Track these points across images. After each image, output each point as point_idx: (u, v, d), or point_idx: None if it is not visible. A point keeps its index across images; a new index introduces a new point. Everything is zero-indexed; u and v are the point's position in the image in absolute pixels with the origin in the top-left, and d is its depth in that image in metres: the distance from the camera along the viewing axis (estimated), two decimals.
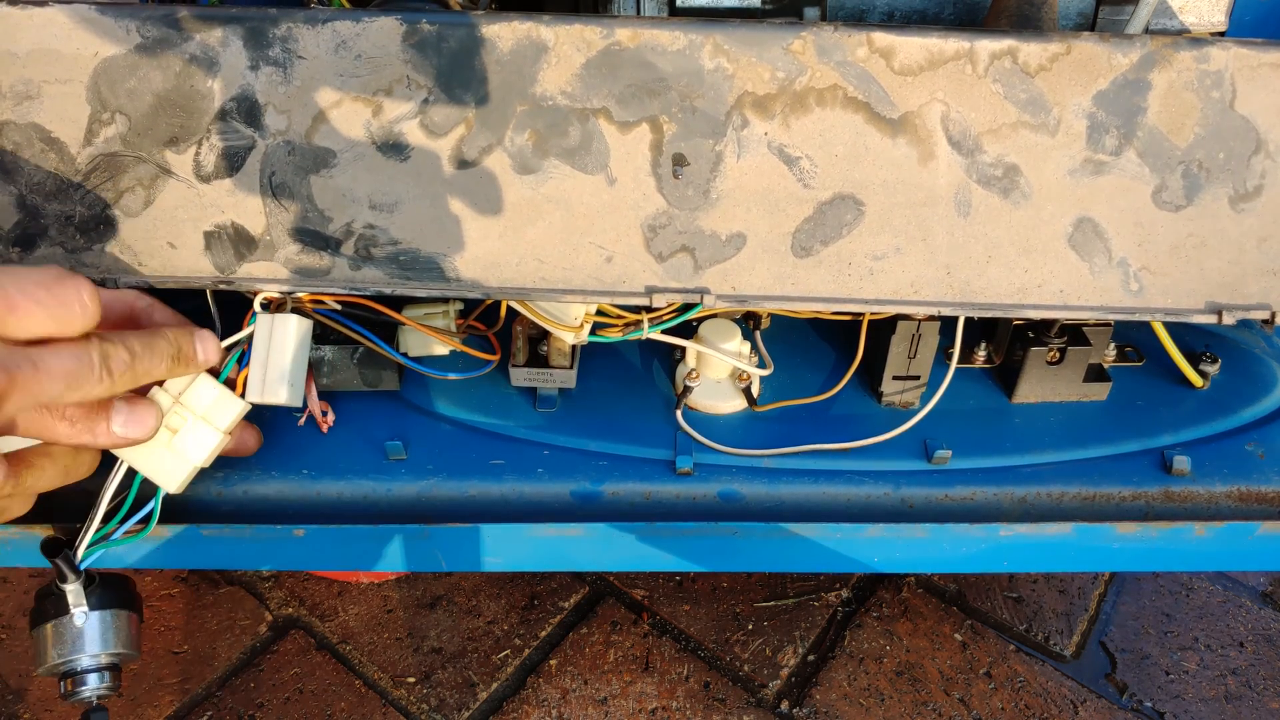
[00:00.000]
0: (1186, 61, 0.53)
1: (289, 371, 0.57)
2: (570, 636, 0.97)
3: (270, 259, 0.56)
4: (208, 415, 0.55)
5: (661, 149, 0.54)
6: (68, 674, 0.59)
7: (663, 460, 0.66)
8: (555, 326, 0.61)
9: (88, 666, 0.59)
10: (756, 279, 0.57)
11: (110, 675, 0.60)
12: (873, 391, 0.70)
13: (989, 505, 0.65)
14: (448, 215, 0.55)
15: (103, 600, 0.59)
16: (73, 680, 0.59)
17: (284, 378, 0.57)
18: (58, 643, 0.59)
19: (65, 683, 0.59)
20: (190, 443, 0.55)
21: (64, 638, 0.59)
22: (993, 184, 0.55)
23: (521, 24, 0.52)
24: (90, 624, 0.59)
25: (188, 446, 0.55)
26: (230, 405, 0.56)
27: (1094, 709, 0.91)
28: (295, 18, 0.52)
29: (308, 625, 0.97)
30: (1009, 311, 0.58)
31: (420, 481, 0.64)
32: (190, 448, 0.55)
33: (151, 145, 0.54)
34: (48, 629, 0.59)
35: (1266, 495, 0.66)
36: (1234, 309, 0.57)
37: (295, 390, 0.58)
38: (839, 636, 0.97)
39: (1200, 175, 0.55)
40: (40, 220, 0.55)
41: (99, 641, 0.59)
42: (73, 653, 0.59)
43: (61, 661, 0.59)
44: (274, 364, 0.57)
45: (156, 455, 0.55)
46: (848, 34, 0.52)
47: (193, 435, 0.55)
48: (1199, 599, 1.02)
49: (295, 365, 0.58)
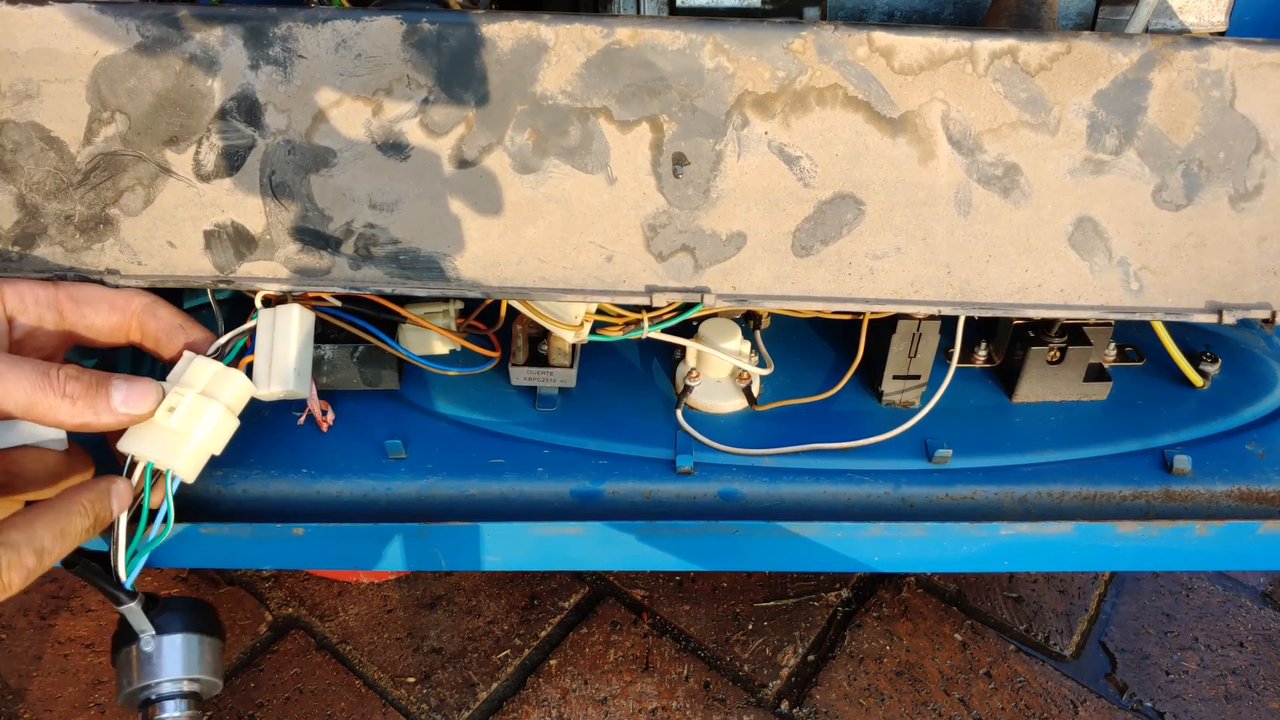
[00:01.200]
0: (1186, 61, 0.53)
1: (294, 361, 0.57)
2: (570, 636, 0.97)
3: (270, 258, 0.56)
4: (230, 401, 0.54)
5: (662, 148, 0.54)
6: (144, 702, 0.57)
7: (663, 459, 0.66)
8: (555, 325, 0.61)
9: (163, 694, 0.56)
10: (757, 278, 0.57)
11: (188, 703, 0.57)
12: (873, 391, 0.70)
13: (989, 504, 0.65)
14: (448, 214, 0.55)
15: (174, 624, 0.57)
16: (149, 708, 0.57)
17: (290, 368, 0.57)
18: (127, 669, 0.57)
19: (144, 710, 0.57)
20: (203, 428, 0.53)
21: (131, 664, 0.56)
22: (993, 183, 0.55)
23: (522, 23, 0.52)
24: (161, 649, 0.56)
25: (200, 432, 0.53)
26: (242, 388, 0.55)
27: (1094, 709, 0.91)
28: (295, 17, 0.52)
29: (308, 625, 0.97)
30: (1009, 311, 0.58)
31: (420, 480, 0.64)
32: (204, 433, 0.53)
33: (151, 144, 0.54)
34: (120, 656, 0.57)
35: (1267, 495, 0.66)
36: (1234, 309, 0.57)
37: (302, 379, 0.58)
38: (839, 636, 0.97)
39: (1200, 175, 0.55)
40: (40, 219, 0.55)
41: (171, 667, 0.57)
42: (141, 679, 0.56)
43: (132, 689, 0.56)
44: (279, 355, 0.57)
45: (168, 443, 0.53)
46: (848, 33, 0.52)
47: (205, 420, 0.53)
48: (1199, 599, 1.02)
49: (300, 355, 0.57)
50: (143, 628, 0.56)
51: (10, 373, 0.48)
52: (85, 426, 0.51)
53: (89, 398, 0.50)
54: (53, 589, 1.00)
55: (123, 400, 0.51)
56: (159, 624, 0.57)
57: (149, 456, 0.53)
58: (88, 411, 0.50)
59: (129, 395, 0.51)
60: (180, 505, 0.61)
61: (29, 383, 0.49)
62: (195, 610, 0.59)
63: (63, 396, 0.49)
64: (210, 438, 0.54)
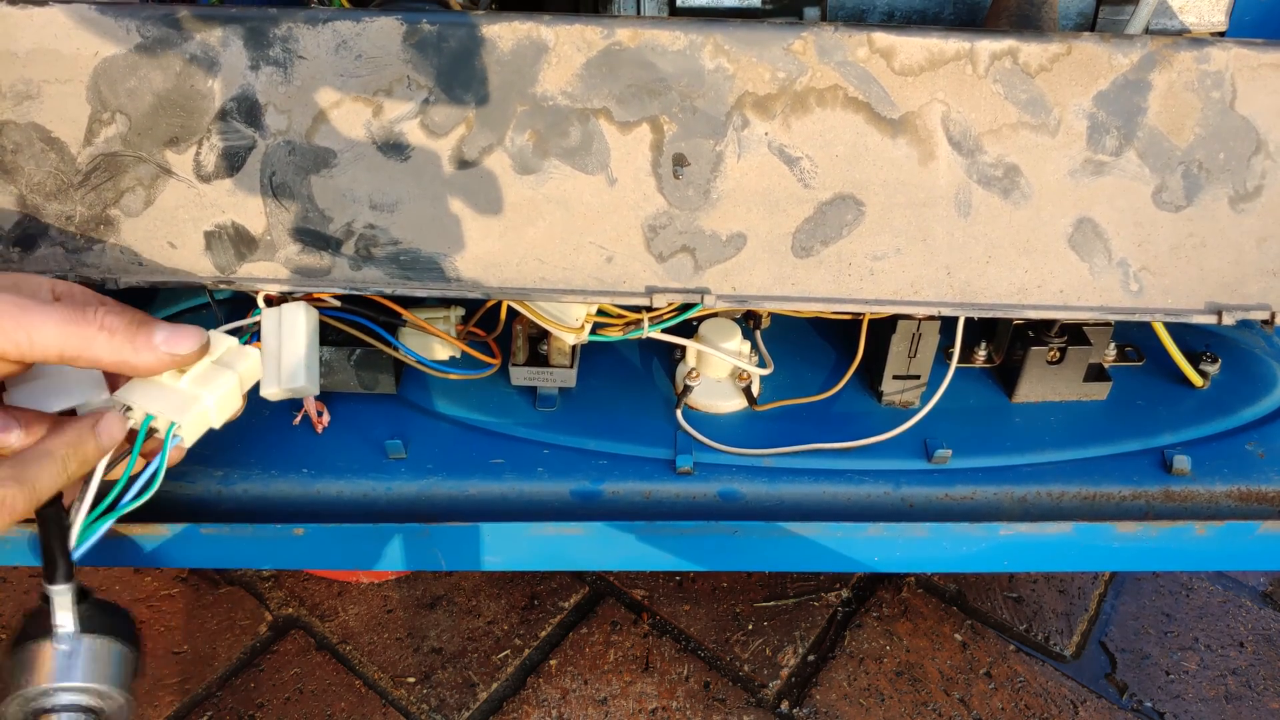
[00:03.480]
0: (1186, 62, 0.53)
1: (304, 357, 0.56)
2: (570, 636, 0.97)
3: (271, 259, 0.56)
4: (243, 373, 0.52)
5: (662, 149, 0.54)
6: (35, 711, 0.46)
7: (663, 459, 0.66)
8: (556, 327, 0.61)
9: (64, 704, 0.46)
10: (757, 279, 0.57)
11: None
12: (873, 391, 0.70)
13: (989, 505, 0.65)
14: (448, 215, 0.55)
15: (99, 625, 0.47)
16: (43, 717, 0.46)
17: (300, 365, 0.56)
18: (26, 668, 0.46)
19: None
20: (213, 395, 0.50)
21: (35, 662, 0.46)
22: (993, 184, 0.55)
23: (522, 24, 0.52)
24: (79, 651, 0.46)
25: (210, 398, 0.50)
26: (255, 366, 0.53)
27: (1094, 709, 0.91)
28: (295, 18, 0.52)
29: (308, 625, 0.97)
30: (1009, 312, 0.58)
31: (420, 480, 0.64)
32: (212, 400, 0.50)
33: (152, 145, 0.54)
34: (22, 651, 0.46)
35: (1267, 495, 0.66)
36: (1234, 309, 0.57)
37: (312, 375, 0.56)
38: (839, 636, 0.97)
39: (1200, 175, 0.55)
40: (41, 220, 0.55)
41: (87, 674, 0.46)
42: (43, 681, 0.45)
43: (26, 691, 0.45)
44: (288, 353, 0.55)
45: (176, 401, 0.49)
46: (848, 34, 0.52)
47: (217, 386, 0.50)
48: (1199, 599, 1.02)
49: (309, 352, 0.56)
50: (64, 622, 0.46)
51: (39, 309, 0.44)
52: (123, 365, 0.47)
53: (128, 332, 0.46)
54: None
55: (165, 339, 0.47)
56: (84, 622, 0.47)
57: (151, 410, 0.48)
58: (126, 347, 0.46)
59: (172, 335, 0.47)
60: (181, 505, 0.61)
61: (60, 316, 0.45)
62: (117, 613, 0.50)
63: (100, 329, 0.45)
64: (216, 407, 0.50)
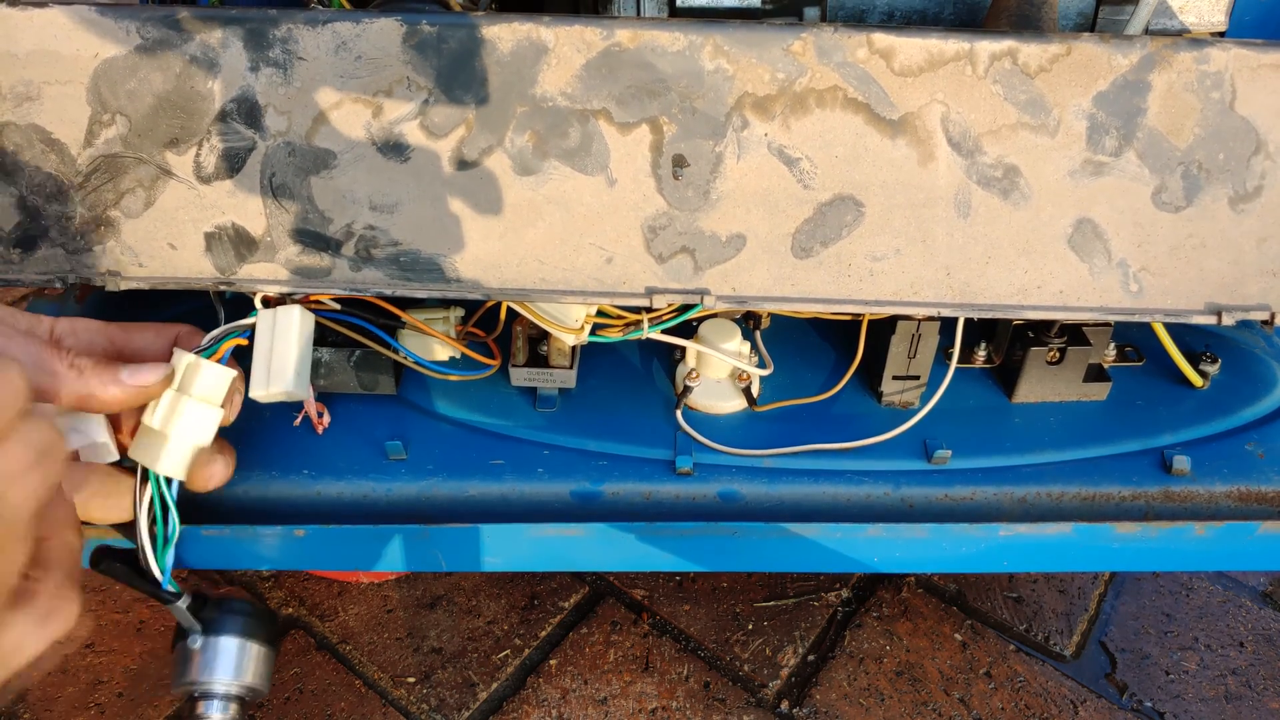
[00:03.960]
0: (1186, 62, 0.53)
1: (294, 362, 0.57)
2: (570, 636, 0.97)
3: (271, 260, 0.56)
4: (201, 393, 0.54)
5: (662, 150, 0.54)
6: (189, 697, 0.59)
7: (663, 460, 0.66)
8: (555, 328, 0.61)
9: (206, 693, 0.58)
10: (756, 280, 0.57)
11: (232, 707, 0.59)
12: (873, 391, 0.70)
13: (989, 505, 0.65)
14: (448, 216, 0.55)
15: (225, 626, 0.58)
16: (195, 704, 0.58)
17: (290, 369, 0.57)
18: (177, 665, 0.58)
19: (188, 707, 0.59)
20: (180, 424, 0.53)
21: (183, 661, 0.58)
22: (992, 185, 0.55)
23: (521, 25, 0.52)
24: (208, 649, 0.58)
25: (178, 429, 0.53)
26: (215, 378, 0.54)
27: (1094, 709, 0.91)
28: (295, 19, 0.52)
29: (308, 625, 0.97)
30: (1009, 312, 0.58)
31: (420, 481, 0.64)
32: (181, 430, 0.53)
33: (152, 146, 0.54)
34: (176, 649, 0.59)
35: (1266, 495, 0.66)
36: (1234, 310, 0.57)
37: (301, 380, 0.58)
38: (839, 636, 0.97)
39: (1200, 176, 0.55)
40: (41, 221, 0.55)
41: (213, 670, 0.58)
42: (185, 676, 0.58)
43: (180, 683, 0.58)
44: (279, 356, 0.57)
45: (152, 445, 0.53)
46: (848, 35, 0.52)
47: (180, 416, 0.53)
48: (1199, 599, 1.02)
49: (301, 356, 0.57)
50: (191, 626, 0.58)
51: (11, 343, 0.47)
52: (89, 402, 0.50)
53: (95, 370, 0.49)
54: None
55: (130, 373, 0.50)
56: (211, 625, 0.58)
57: (140, 460, 0.54)
58: (94, 382, 0.49)
59: (137, 369, 0.51)
60: (181, 506, 0.61)
61: (33, 350, 0.48)
62: (248, 615, 0.60)
63: (69, 367, 0.48)
64: (190, 432, 0.54)
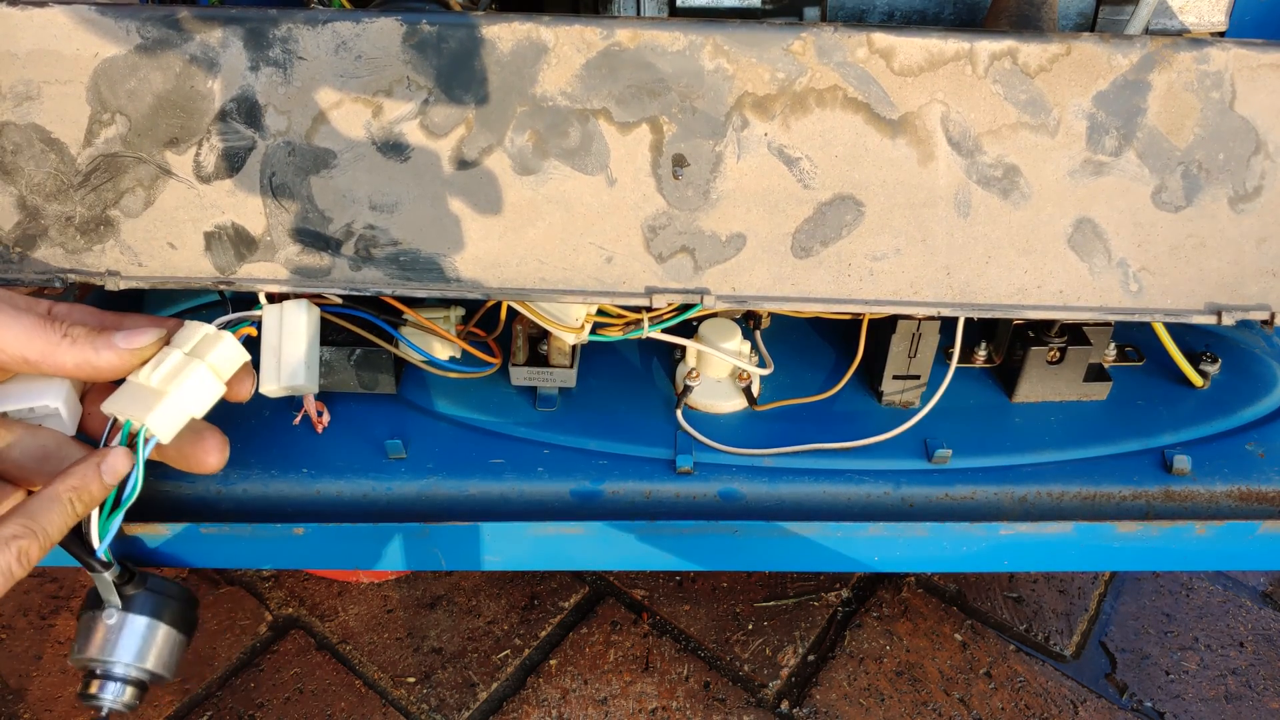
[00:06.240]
0: (1186, 62, 0.53)
1: (304, 355, 0.57)
2: (570, 636, 0.97)
3: (271, 259, 0.56)
4: (215, 361, 0.53)
5: (661, 150, 0.54)
6: (89, 673, 0.56)
7: (663, 459, 0.66)
8: (556, 327, 0.61)
9: (108, 673, 0.55)
10: (756, 280, 0.57)
11: (129, 690, 0.56)
12: (873, 391, 0.70)
13: (989, 504, 0.65)
14: (448, 216, 0.55)
15: (145, 607, 0.55)
16: (92, 682, 0.55)
17: (300, 362, 0.56)
18: (83, 635, 0.55)
19: (85, 682, 0.56)
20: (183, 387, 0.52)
21: (90, 633, 0.55)
22: (992, 185, 0.55)
23: (521, 25, 0.52)
24: (121, 627, 0.55)
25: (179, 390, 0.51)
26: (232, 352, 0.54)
27: (1094, 709, 0.91)
28: (295, 18, 0.52)
29: (308, 625, 0.97)
30: (1009, 312, 0.58)
31: (420, 480, 0.64)
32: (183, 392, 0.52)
33: (152, 146, 0.54)
34: (83, 618, 0.55)
35: (1267, 495, 0.66)
36: (1233, 310, 0.57)
37: (311, 373, 0.58)
38: (839, 636, 0.97)
39: (1200, 176, 0.55)
40: (41, 221, 0.55)
41: (125, 649, 0.55)
42: (94, 652, 0.55)
43: (83, 658, 0.55)
44: (288, 349, 0.56)
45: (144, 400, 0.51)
46: (848, 34, 0.52)
47: (186, 378, 0.52)
48: (1199, 599, 1.02)
49: (310, 350, 0.57)
50: (110, 600, 0.55)
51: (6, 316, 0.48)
52: (84, 368, 0.50)
53: (89, 337, 0.50)
54: (53, 589, 1.00)
55: (123, 337, 0.50)
56: (131, 602, 0.55)
57: (124, 414, 0.51)
58: (87, 348, 0.49)
59: (130, 332, 0.51)
60: (181, 505, 0.61)
61: (28, 321, 0.49)
62: (172, 598, 0.57)
63: (63, 336, 0.49)
64: (190, 398, 0.52)
